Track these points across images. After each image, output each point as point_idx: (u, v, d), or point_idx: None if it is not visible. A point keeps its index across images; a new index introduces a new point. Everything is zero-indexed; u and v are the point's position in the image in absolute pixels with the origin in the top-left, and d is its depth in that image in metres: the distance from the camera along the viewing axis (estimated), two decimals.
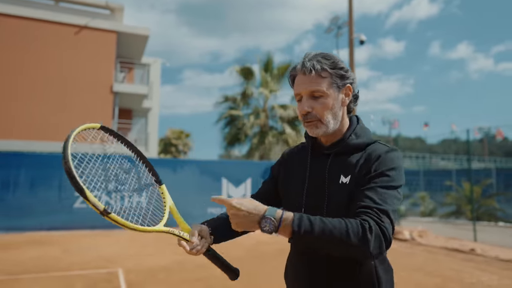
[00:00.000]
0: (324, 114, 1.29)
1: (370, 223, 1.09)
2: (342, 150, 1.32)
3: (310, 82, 1.28)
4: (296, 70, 1.34)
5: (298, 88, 1.32)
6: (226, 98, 17.23)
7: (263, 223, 1.11)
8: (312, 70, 1.28)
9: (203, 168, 12.64)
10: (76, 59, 16.32)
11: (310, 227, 1.08)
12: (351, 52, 14.15)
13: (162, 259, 7.17)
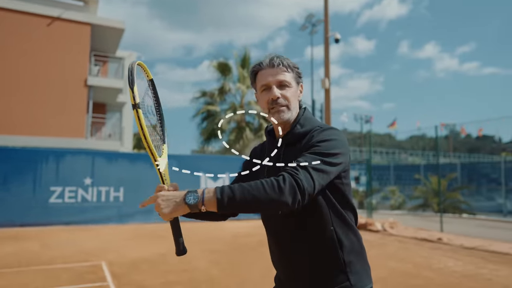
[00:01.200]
0: (291, 101, 1.45)
1: (284, 176, 1.20)
2: (291, 140, 1.46)
3: (278, 73, 1.44)
4: (261, 65, 1.48)
5: (266, 79, 1.45)
6: (203, 93, 17.25)
7: (187, 197, 1.21)
8: (280, 64, 1.45)
9: (181, 162, 12.68)
10: (49, 51, 15.90)
11: (231, 193, 1.18)
12: (326, 50, 14.52)
13: (143, 252, 7.25)
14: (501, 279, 5.39)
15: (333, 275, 1.39)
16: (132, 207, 11.66)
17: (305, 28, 28.27)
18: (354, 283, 1.38)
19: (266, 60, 1.48)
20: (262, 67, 1.48)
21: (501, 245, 8.01)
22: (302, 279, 1.43)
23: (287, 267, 1.48)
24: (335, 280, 1.38)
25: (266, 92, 1.47)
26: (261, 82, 1.49)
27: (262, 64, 1.49)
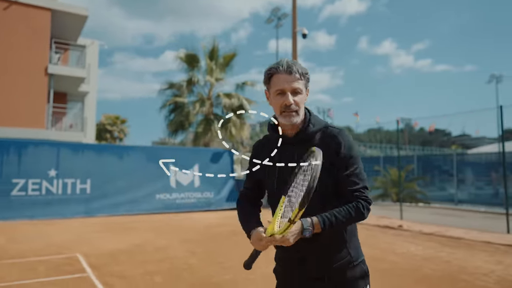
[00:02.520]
0: (300, 107, 1.63)
1: (362, 203, 1.56)
2: (305, 138, 1.64)
3: (293, 81, 1.60)
4: (278, 70, 1.61)
5: (282, 84, 1.60)
6: (171, 85, 17.03)
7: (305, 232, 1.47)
8: (297, 73, 1.61)
9: (150, 154, 12.59)
10: (6, 37, 15.06)
11: (330, 224, 1.51)
12: (294, 45, 14.83)
13: (118, 243, 7.24)
14: (458, 261, 5.94)
15: (338, 251, 1.63)
16: (100, 199, 11.46)
17: (270, 21, 28.55)
18: (353, 255, 1.65)
19: (284, 66, 1.61)
20: (279, 71, 1.61)
21: (455, 230, 8.72)
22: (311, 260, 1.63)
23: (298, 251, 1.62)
24: (340, 256, 1.62)
25: (280, 96, 1.62)
26: (277, 86, 1.62)
27: (279, 69, 1.62)
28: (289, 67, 1.61)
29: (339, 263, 1.62)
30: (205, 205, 13.11)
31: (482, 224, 10.01)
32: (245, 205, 1.83)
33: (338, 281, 1.62)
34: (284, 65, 1.61)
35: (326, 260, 1.62)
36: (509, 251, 6.68)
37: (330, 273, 1.62)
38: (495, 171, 19.03)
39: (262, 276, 5.10)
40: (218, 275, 5.12)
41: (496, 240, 7.54)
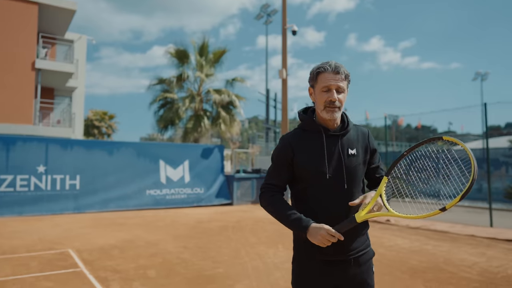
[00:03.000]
0: (342, 104, 1.82)
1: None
2: (345, 132, 1.87)
3: (339, 80, 1.79)
4: (326, 69, 1.79)
5: (329, 82, 1.78)
6: (160, 80, 16.95)
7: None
8: (343, 74, 1.80)
9: (140, 150, 12.56)
10: None
11: None
12: (284, 42, 14.91)
13: (109, 239, 7.26)
14: (443, 253, 6.14)
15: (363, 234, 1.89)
16: (90, 195, 11.42)
17: (260, 18, 28.53)
18: (369, 240, 1.94)
19: (332, 66, 1.79)
20: (327, 70, 1.79)
21: (441, 224, 8.96)
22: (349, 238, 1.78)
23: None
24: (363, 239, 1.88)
25: (326, 93, 1.79)
26: (324, 83, 1.79)
27: (327, 68, 1.79)
28: (337, 67, 1.79)
29: (362, 247, 1.86)
30: (195, 201, 13.16)
31: (466, 218, 10.29)
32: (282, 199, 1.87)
33: (360, 261, 1.85)
34: (332, 65, 1.79)
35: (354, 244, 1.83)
36: (492, 244, 6.92)
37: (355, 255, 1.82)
38: (479, 167, 19.49)
39: (254, 269, 5.21)
40: (211, 269, 5.20)
41: (480, 234, 7.78)
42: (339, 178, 1.79)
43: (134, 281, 4.65)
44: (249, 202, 14.06)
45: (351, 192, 1.81)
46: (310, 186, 1.80)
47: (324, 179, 1.78)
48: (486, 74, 40.52)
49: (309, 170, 1.80)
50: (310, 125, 1.86)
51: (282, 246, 6.71)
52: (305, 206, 1.81)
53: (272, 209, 1.85)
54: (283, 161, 1.86)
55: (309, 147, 1.82)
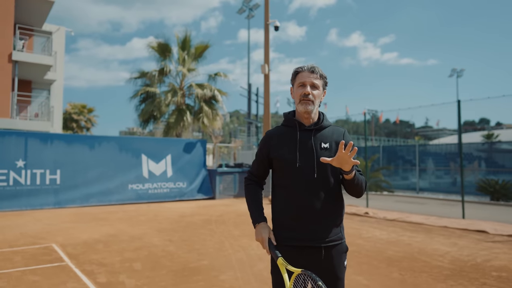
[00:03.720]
0: (316, 98, 2.01)
1: (366, 181, 2.03)
2: (319, 128, 2.04)
3: (313, 78, 2.01)
4: (303, 69, 2.03)
5: (304, 79, 2.01)
6: (142, 74, 16.80)
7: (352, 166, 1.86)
8: (318, 73, 2.03)
9: (122, 145, 12.50)
10: None
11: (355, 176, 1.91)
12: (266, 37, 15.02)
13: (92, 233, 7.29)
14: (418, 244, 6.45)
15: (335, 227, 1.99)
16: (71, 190, 11.33)
17: (242, 12, 28.52)
18: (342, 234, 2.03)
19: (308, 66, 2.03)
20: (303, 70, 2.04)
21: (416, 216, 9.33)
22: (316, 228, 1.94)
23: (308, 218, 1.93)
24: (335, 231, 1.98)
25: (301, 88, 2.02)
26: (300, 80, 2.03)
27: (304, 68, 2.04)
28: (312, 67, 2.03)
29: (334, 237, 1.97)
30: (177, 195, 13.21)
31: (440, 210, 10.73)
32: (255, 190, 2.16)
33: (332, 252, 1.96)
34: (308, 66, 2.04)
35: (326, 233, 1.94)
36: (463, 235, 7.29)
37: (327, 244, 1.94)
38: (453, 161, 20.19)
39: (238, 260, 5.37)
40: (196, 261, 5.33)
41: (452, 225, 8.16)
42: (309, 167, 1.94)
43: (121, 273, 4.73)
44: (231, 196, 14.20)
45: (321, 181, 1.94)
46: (284, 175, 2.00)
47: (295, 167, 1.95)
48: (461, 71, 41.69)
49: (281, 159, 2.00)
50: (288, 121, 2.09)
51: None
52: (280, 193, 2.03)
53: (246, 197, 2.17)
54: (262, 153, 2.12)
55: (284, 140, 2.04)
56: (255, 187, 2.17)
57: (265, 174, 2.18)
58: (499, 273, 4.75)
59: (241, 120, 78.37)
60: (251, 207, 2.11)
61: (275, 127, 2.17)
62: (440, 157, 21.50)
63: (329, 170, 1.96)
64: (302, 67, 2.05)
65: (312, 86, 2.00)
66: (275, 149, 2.05)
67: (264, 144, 2.12)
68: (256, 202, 2.11)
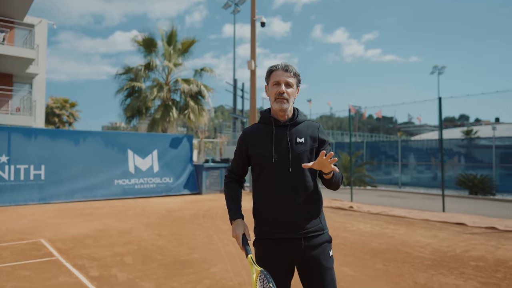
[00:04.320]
0: (290, 96, 2.06)
1: (342, 175, 2.07)
2: (294, 123, 2.10)
3: (287, 76, 2.06)
4: (277, 68, 2.08)
5: (279, 77, 2.05)
6: (128, 69, 16.64)
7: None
8: (292, 71, 2.08)
9: (107, 140, 12.42)
10: None
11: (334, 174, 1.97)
12: (252, 33, 15.08)
13: (80, 229, 7.29)
14: (400, 236, 6.68)
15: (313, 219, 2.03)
16: (55, 185, 11.22)
17: (228, 7, 28.45)
18: (323, 225, 2.07)
19: (282, 65, 2.09)
20: (278, 68, 2.09)
21: (398, 210, 9.61)
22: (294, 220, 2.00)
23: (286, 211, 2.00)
24: (314, 222, 2.03)
25: (276, 86, 2.07)
26: (274, 78, 2.08)
27: (278, 67, 2.09)
28: (286, 66, 2.09)
29: (313, 228, 2.02)
30: (164, 190, 13.22)
31: (422, 204, 11.06)
32: (234, 188, 2.22)
33: (313, 242, 2.01)
34: (282, 65, 2.10)
35: (304, 224, 1.99)
36: (444, 227, 7.58)
37: (306, 235, 2.00)
38: (434, 156, 20.72)
39: (227, 253, 5.49)
40: (186, 254, 5.43)
41: (433, 218, 8.46)
42: (284, 162, 2.01)
43: (112, 267, 4.79)
44: (217, 191, 14.28)
45: (296, 175, 2.00)
46: (261, 170, 2.07)
47: (270, 162, 2.02)
48: (442, 68, 42.57)
49: (258, 155, 2.07)
50: (264, 118, 2.15)
51: (252, 232, 7.01)
52: (258, 188, 2.10)
53: (225, 195, 2.23)
54: (241, 151, 2.18)
55: (261, 136, 2.11)
56: (234, 184, 2.24)
57: (244, 171, 2.25)
58: (476, 263, 5.00)
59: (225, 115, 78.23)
60: (229, 204, 2.17)
61: (251, 125, 2.23)
62: (422, 153, 22.02)
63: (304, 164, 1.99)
64: (276, 66, 2.10)
65: (286, 85, 2.06)
66: (252, 145, 2.11)
67: (241, 142, 2.18)
68: (233, 199, 2.18)
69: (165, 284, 4.18)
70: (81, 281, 4.26)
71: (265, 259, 2.02)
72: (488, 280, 4.30)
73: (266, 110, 2.21)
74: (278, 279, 1.96)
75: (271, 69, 2.12)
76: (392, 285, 4.15)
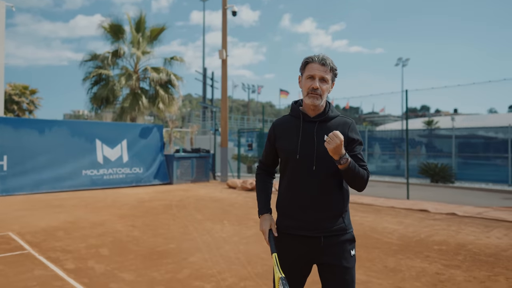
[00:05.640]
0: (324, 93, 1.96)
1: (368, 174, 1.95)
2: (324, 119, 2.00)
3: (323, 71, 1.94)
4: (314, 60, 1.96)
5: (314, 71, 1.94)
6: (94, 56, 16.08)
7: (344, 156, 1.81)
8: (329, 66, 1.96)
9: (74, 129, 12.05)
10: None
11: (353, 167, 1.85)
12: (224, 22, 14.97)
13: (50, 221, 7.11)
14: (369, 223, 7.00)
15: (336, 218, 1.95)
16: (19, 176, 10.80)
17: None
18: (346, 224, 1.98)
19: (320, 58, 1.97)
20: (314, 61, 1.97)
21: (366, 198, 10.01)
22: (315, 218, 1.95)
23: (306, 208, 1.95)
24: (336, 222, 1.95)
25: (310, 80, 1.97)
26: (309, 72, 1.97)
27: (314, 59, 1.97)
28: (323, 59, 1.96)
29: (335, 227, 1.94)
30: (134, 181, 13.04)
31: (387, 192, 11.56)
32: (263, 180, 2.21)
33: (333, 242, 1.93)
34: (320, 57, 1.97)
35: (326, 223, 1.94)
36: (408, 214, 7.99)
37: (327, 234, 1.93)
38: (398, 146, 21.56)
39: (204, 243, 5.56)
40: (163, 245, 5.45)
41: (398, 205, 8.88)
42: (309, 160, 1.94)
43: (88, 259, 4.75)
44: (189, 181, 14.24)
45: (320, 173, 1.92)
46: (286, 165, 2.03)
47: (295, 158, 1.96)
48: (406, 60, 43.94)
49: (284, 150, 2.03)
50: (294, 111, 2.08)
51: (227, 222, 7.12)
52: (283, 183, 2.06)
53: (255, 186, 2.24)
54: (269, 142, 2.14)
55: (288, 130, 2.05)
56: (263, 176, 2.21)
57: (273, 163, 2.20)
58: (439, 247, 5.35)
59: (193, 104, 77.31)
60: (258, 197, 2.15)
61: (282, 116, 2.16)
62: (386, 142, 22.85)
63: (329, 162, 1.90)
64: (313, 58, 1.98)
65: (321, 80, 1.95)
66: (279, 139, 2.07)
67: (270, 133, 2.13)
68: (262, 193, 2.16)
69: (145, 275, 4.21)
70: (57, 274, 4.21)
71: (284, 253, 1.98)
72: (450, 263, 4.63)
73: (297, 102, 2.13)
74: (294, 275, 1.97)
75: (307, 61, 2.01)
76: (364, 269, 4.39)
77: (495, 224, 6.96)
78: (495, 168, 15.69)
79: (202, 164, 14.72)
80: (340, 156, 1.81)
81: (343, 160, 1.82)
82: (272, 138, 2.13)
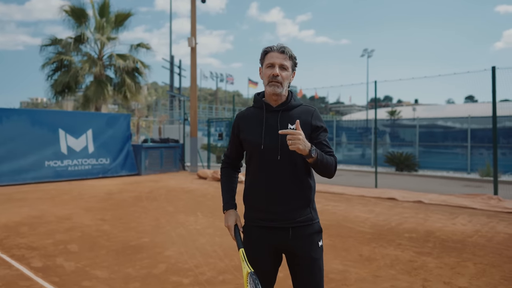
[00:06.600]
0: (284, 80, 1.95)
1: (336, 161, 1.95)
2: (286, 108, 1.99)
3: (282, 58, 1.95)
4: (272, 49, 1.97)
5: (273, 59, 1.95)
6: (55, 40, 15.22)
7: (312, 149, 1.79)
8: (288, 53, 1.97)
9: (35, 118, 11.43)
10: None
11: (321, 158, 1.84)
12: (193, 9, 14.61)
13: (11, 216, 6.73)
14: (341, 212, 7.12)
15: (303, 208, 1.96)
16: None
17: None
18: (313, 215, 2.00)
19: (278, 46, 1.97)
20: (273, 50, 1.97)
21: (337, 187, 10.18)
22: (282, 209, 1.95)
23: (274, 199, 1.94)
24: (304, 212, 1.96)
25: (270, 69, 1.96)
26: (269, 60, 1.97)
27: (273, 48, 1.98)
28: (282, 47, 1.97)
29: (302, 218, 1.95)
30: (100, 172, 12.60)
31: (355, 181, 11.83)
32: (228, 174, 2.20)
33: (300, 232, 1.95)
34: (278, 46, 1.98)
35: (293, 214, 1.94)
36: (378, 202, 8.20)
37: (294, 225, 1.94)
38: (363, 135, 22.10)
39: (178, 236, 5.45)
40: (136, 239, 5.29)
41: (368, 194, 9.11)
42: (273, 149, 1.93)
43: (57, 257, 4.53)
44: (157, 172, 13.95)
45: (286, 162, 1.92)
46: (252, 156, 2.03)
47: (259, 149, 1.96)
48: (371, 51, 44.89)
49: (248, 142, 2.03)
50: (256, 102, 2.08)
51: (201, 213, 7.02)
52: (249, 173, 2.06)
53: (220, 181, 2.23)
54: (233, 135, 2.13)
55: (251, 122, 2.04)
56: (228, 170, 2.21)
57: (239, 155, 2.20)
58: (410, 234, 5.53)
59: (159, 93, 75.60)
60: (222, 192, 2.15)
61: (245, 108, 2.15)
62: (352, 132, 23.38)
63: (294, 152, 1.85)
64: (272, 47, 1.99)
65: (281, 67, 1.95)
66: (243, 131, 2.06)
67: (234, 126, 2.13)
68: (227, 187, 2.16)
69: (119, 271, 4.06)
70: (23, 273, 3.99)
71: (252, 245, 1.99)
72: (421, 250, 4.79)
73: (260, 93, 2.12)
74: (264, 266, 1.97)
75: (266, 50, 2.01)
76: (340, 259, 4.45)
77: (459, 211, 7.27)
78: (455, 157, 16.45)
79: (171, 155, 14.45)
80: (309, 150, 1.79)
81: (313, 153, 1.80)
82: (236, 131, 2.12)
